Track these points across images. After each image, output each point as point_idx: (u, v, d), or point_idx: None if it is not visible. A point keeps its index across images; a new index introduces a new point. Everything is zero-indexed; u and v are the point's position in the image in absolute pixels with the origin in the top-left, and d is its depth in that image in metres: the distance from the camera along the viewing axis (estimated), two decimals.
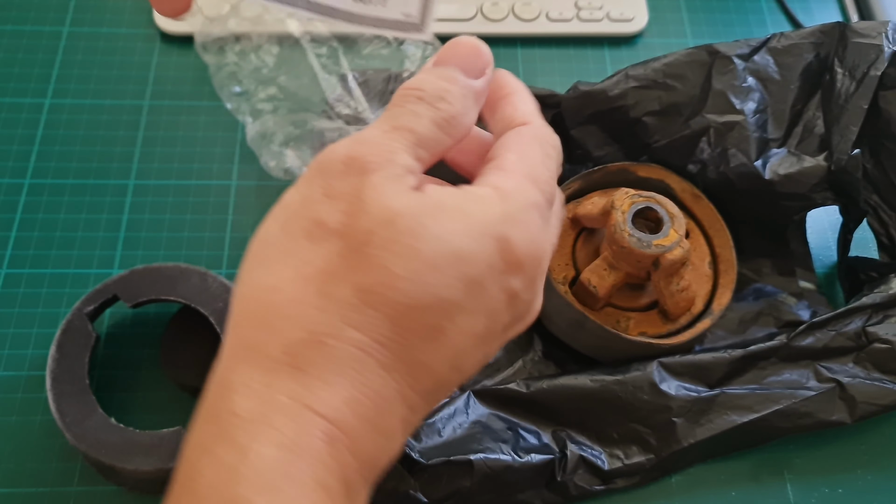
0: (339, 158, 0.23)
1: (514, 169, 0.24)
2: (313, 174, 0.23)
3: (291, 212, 0.23)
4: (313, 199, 0.22)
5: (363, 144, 0.23)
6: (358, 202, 0.22)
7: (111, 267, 0.45)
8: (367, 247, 0.21)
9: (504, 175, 0.24)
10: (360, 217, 0.21)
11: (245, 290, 0.23)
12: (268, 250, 0.23)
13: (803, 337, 0.39)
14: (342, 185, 0.22)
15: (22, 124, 0.50)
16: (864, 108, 0.40)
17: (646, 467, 0.39)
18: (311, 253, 0.22)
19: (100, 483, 0.39)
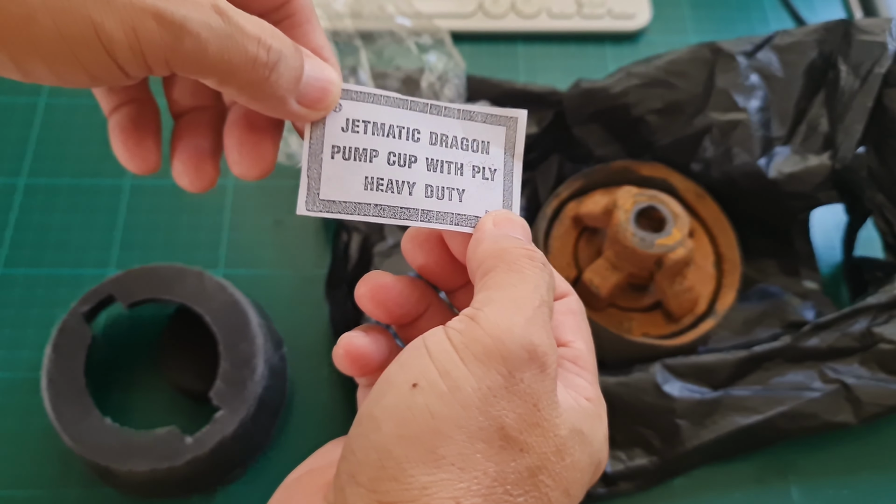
0: (522, 345, 0.20)
1: (589, 367, 0.24)
2: (491, 357, 0.20)
3: (469, 403, 0.20)
4: (494, 392, 0.20)
5: (533, 328, 0.21)
6: (536, 412, 0.21)
7: (107, 267, 0.45)
8: (539, 472, 0.20)
9: (585, 376, 0.24)
10: (536, 433, 0.20)
11: (416, 491, 0.19)
12: (441, 448, 0.20)
13: (808, 338, 0.39)
14: (523, 380, 0.20)
15: (17, 124, 0.49)
16: (869, 106, 0.40)
17: (649, 470, 0.38)
18: (490, 462, 0.20)
19: (97, 485, 0.38)
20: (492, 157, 0.26)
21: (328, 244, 0.46)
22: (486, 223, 0.25)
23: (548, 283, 0.23)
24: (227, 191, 0.47)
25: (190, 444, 0.36)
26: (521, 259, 0.23)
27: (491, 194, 0.26)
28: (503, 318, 0.21)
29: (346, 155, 0.25)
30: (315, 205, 0.24)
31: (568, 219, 0.43)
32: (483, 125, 0.26)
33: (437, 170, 0.26)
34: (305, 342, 0.43)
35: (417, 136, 0.26)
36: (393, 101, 0.26)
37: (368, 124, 0.25)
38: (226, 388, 0.37)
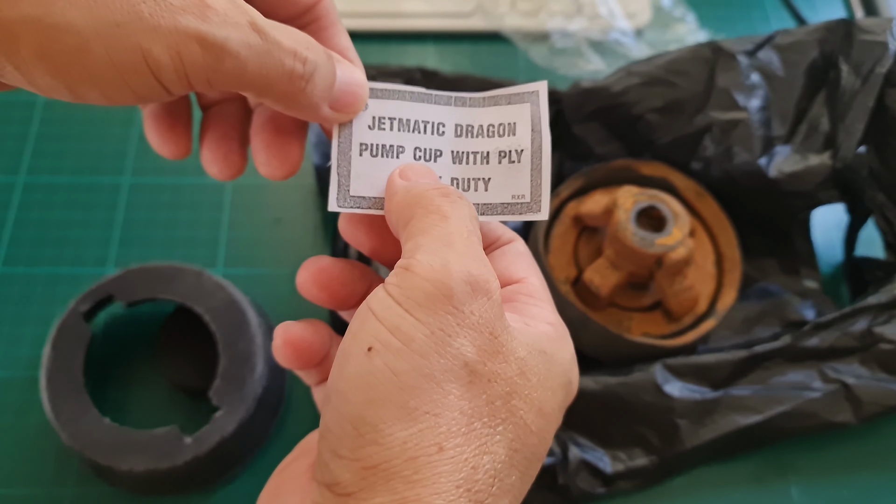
0: (462, 279, 0.21)
1: (545, 298, 0.25)
2: (434, 300, 0.20)
3: (425, 349, 0.20)
4: (448, 332, 0.20)
5: (468, 259, 0.21)
6: (493, 339, 0.21)
7: (106, 266, 0.44)
8: (510, 398, 0.21)
9: (543, 307, 0.25)
10: (498, 360, 0.21)
11: (397, 448, 0.20)
12: (411, 401, 0.20)
13: (808, 337, 0.39)
14: (473, 313, 0.21)
15: (15, 121, 0.49)
16: (870, 105, 0.40)
17: (649, 469, 0.38)
18: (463, 399, 0.20)
19: (95, 483, 0.38)
20: (518, 138, 0.26)
21: (328, 243, 0.46)
22: (394, 178, 0.25)
23: (469, 214, 0.23)
24: (226, 189, 0.47)
25: (189, 443, 0.36)
26: (436, 199, 0.23)
27: (518, 176, 0.26)
28: (436, 259, 0.21)
29: (374, 152, 0.25)
30: (346, 201, 0.25)
31: (568, 218, 0.43)
32: (508, 107, 0.26)
33: (462, 161, 0.26)
34: None
35: (443, 130, 0.26)
36: (417, 96, 0.26)
37: (394, 121, 0.26)
38: (225, 387, 0.37)
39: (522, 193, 0.26)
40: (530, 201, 0.25)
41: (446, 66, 0.52)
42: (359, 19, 0.53)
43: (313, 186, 0.48)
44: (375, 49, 0.53)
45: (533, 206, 0.25)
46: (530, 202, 0.25)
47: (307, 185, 0.48)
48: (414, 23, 0.54)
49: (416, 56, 0.53)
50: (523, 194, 0.26)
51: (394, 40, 0.54)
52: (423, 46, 0.54)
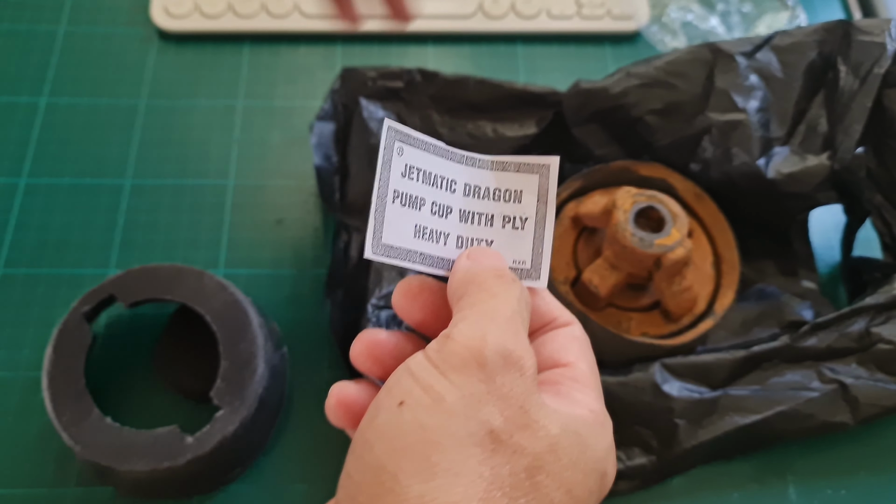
0: (497, 350, 0.21)
1: (592, 385, 0.25)
2: (469, 366, 0.21)
3: (455, 410, 0.21)
4: (478, 398, 0.21)
5: (507, 334, 0.22)
6: (523, 413, 0.21)
7: (107, 267, 0.45)
8: (537, 473, 0.21)
9: (587, 392, 0.24)
10: (526, 434, 0.21)
11: (413, 499, 0.20)
12: (433, 456, 0.20)
13: (806, 338, 0.39)
14: (504, 384, 0.21)
15: (17, 124, 0.49)
16: (868, 106, 0.40)
17: (647, 469, 0.38)
18: (484, 465, 0.20)
19: (97, 484, 0.38)
20: (524, 206, 0.26)
21: (328, 244, 0.46)
22: (460, 259, 0.25)
23: (518, 296, 0.23)
24: (227, 190, 0.48)
25: (190, 443, 0.36)
26: (488, 279, 0.24)
27: (521, 243, 0.26)
28: (476, 329, 0.22)
29: (403, 201, 0.25)
30: (378, 248, 0.24)
31: (567, 219, 0.43)
32: (516, 174, 0.27)
33: (469, 221, 0.26)
34: (305, 342, 0.43)
35: (454, 188, 0.26)
36: (439, 150, 0.26)
37: (421, 172, 0.26)
38: (226, 387, 0.37)
39: (524, 259, 0.26)
40: (530, 268, 0.26)
41: (446, 67, 0.52)
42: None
43: (314, 188, 0.48)
44: (376, 50, 0.54)
45: (532, 273, 0.26)
46: (530, 269, 0.26)
47: (308, 186, 0.48)
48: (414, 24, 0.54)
49: (417, 57, 0.53)
50: (524, 260, 0.26)
51: (394, 42, 0.54)
52: (424, 48, 0.54)
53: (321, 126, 0.46)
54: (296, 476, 0.39)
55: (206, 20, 0.53)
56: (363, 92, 0.46)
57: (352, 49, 0.54)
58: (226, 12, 0.53)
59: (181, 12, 0.53)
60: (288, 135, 0.50)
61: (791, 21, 0.50)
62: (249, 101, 0.51)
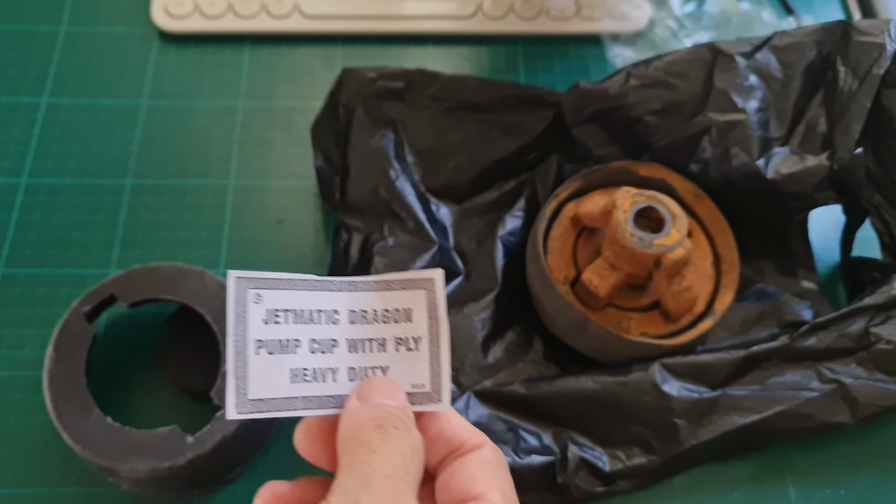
0: None
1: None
2: None
3: None
4: None
5: (384, 499, 0.20)
6: None
7: (108, 267, 0.45)
8: None
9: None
10: None
11: None
12: None
13: (805, 338, 0.39)
14: None
15: (18, 124, 0.49)
16: (867, 106, 0.40)
17: (647, 469, 0.39)
18: None
19: (98, 484, 0.38)
20: (415, 325, 0.25)
21: (328, 244, 0.46)
22: (350, 399, 0.24)
23: (401, 448, 0.22)
24: (228, 190, 0.48)
25: (191, 443, 0.36)
26: (366, 431, 0.22)
27: (417, 365, 0.25)
28: (348, 500, 0.20)
29: (270, 349, 0.24)
30: (245, 406, 0.23)
31: (567, 219, 0.43)
32: (402, 292, 0.25)
33: (358, 350, 0.25)
34: None
35: (336, 318, 0.25)
36: (310, 283, 0.25)
37: (289, 313, 0.24)
38: None
39: (422, 383, 0.25)
40: (430, 391, 0.25)
41: (447, 68, 0.52)
42: (359, 21, 0.54)
43: (314, 188, 0.48)
44: (376, 51, 0.54)
45: (433, 396, 0.25)
46: (430, 392, 0.25)
47: (308, 186, 0.48)
48: (414, 25, 0.54)
49: (417, 58, 0.54)
50: (423, 384, 0.25)
51: (394, 42, 0.54)
52: (424, 48, 0.54)
53: (321, 126, 0.46)
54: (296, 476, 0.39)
55: (206, 21, 0.53)
56: (363, 92, 0.47)
57: (352, 49, 0.54)
58: (226, 13, 0.53)
59: (182, 13, 0.53)
60: (288, 135, 0.50)
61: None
62: (250, 102, 0.51)
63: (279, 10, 0.53)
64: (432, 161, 0.46)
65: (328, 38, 0.54)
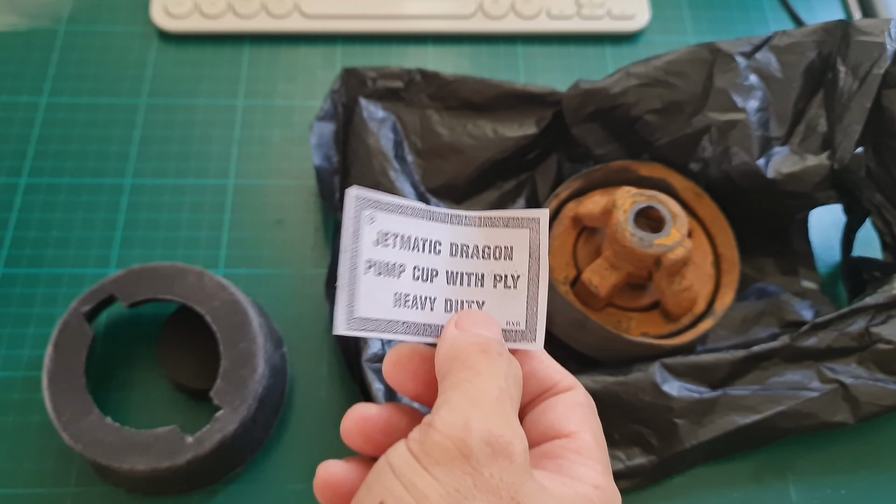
0: (482, 438, 0.20)
1: (596, 457, 0.23)
2: (452, 458, 0.20)
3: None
4: (464, 494, 0.19)
5: (493, 418, 0.20)
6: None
7: (108, 266, 0.45)
8: None
9: (592, 466, 0.23)
10: None
11: None
12: None
13: (806, 337, 0.39)
14: (492, 475, 0.20)
15: (18, 123, 0.49)
16: (867, 106, 0.40)
17: (647, 468, 0.38)
18: None
19: (97, 483, 0.38)
20: (515, 263, 0.25)
21: (328, 244, 0.46)
22: (448, 327, 0.24)
23: (506, 372, 0.22)
24: (227, 190, 0.48)
25: (191, 443, 0.36)
26: (473, 354, 0.22)
27: (513, 303, 0.25)
28: (458, 417, 0.20)
29: (379, 270, 0.24)
30: (352, 323, 0.23)
31: (567, 219, 0.43)
32: (505, 230, 0.25)
33: (457, 282, 0.25)
34: (305, 341, 0.43)
35: (439, 249, 0.25)
36: (418, 212, 0.25)
37: (397, 237, 0.24)
38: (226, 387, 0.37)
39: (518, 321, 0.25)
40: (525, 329, 0.25)
41: (446, 67, 0.52)
42: (359, 21, 0.54)
43: (314, 188, 0.48)
44: (376, 50, 0.54)
45: (528, 335, 0.24)
46: (525, 330, 0.25)
47: (308, 186, 0.48)
48: (414, 24, 0.54)
49: (417, 57, 0.53)
50: (518, 321, 0.25)
51: (394, 42, 0.54)
52: (424, 48, 0.54)
53: (321, 126, 0.46)
54: (296, 475, 0.39)
55: (206, 20, 0.53)
56: (363, 92, 0.47)
57: (352, 49, 0.54)
58: (226, 12, 0.53)
59: (181, 12, 0.53)
60: (288, 134, 0.50)
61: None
62: (249, 101, 0.51)
63: (279, 10, 0.53)
64: (432, 161, 0.46)
65: (328, 38, 0.54)
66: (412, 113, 0.47)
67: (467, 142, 0.46)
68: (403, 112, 0.47)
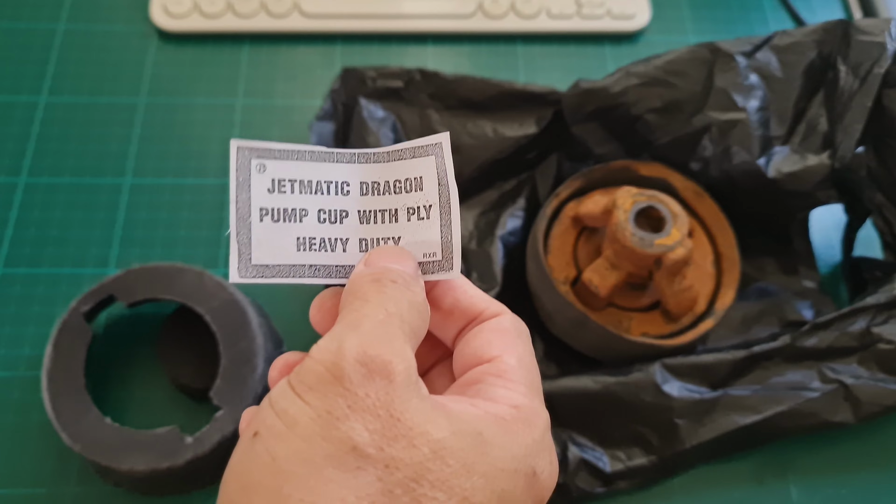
0: (355, 359, 0.19)
1: (519, 379, 0.23)
2: (325, 381, 0.19)
3: (309, 433, 0.19)
4: (336, 415, 0.19)
5: (371, 339, 0.20)
6: (394, 423, 0.19)
7: (107, 266, 0.45)
8: (417, 485, 0.19)
9: (513, 388, 0.22)
10: (400, 444, 0.19)
11: None
12: (285, 487, 0.18)
13: (807, 337, 0.39)
14: (368, 395, 0.19)
15: (17, 122, 0.49)
16: (868, 106, 0.40)
17: (648, 469, 0.38)
18: (346, 488, 0.18)
19: (97, 483, 0.38)
20: (426, 193, 0.25)
21: None
22: (357, 266, 0.23)
23: (397, 298, 0.22)
24: (227, 189, 0.48)
25: (190, 443, 0.36)
26: (364, 284, 0.22)
27: (428, 233, 0.24)
28: (332, 342, 0.20)
29: (275, 216, 0.24)
30: (248, 270, 0.23)
31: (567, 218, 0.43)
32: (413, 161, 0.25)
33: (370, 221, 0.25)
34: (305, 341, 0.43)
35: (347, 189, 0.25)
36: (318, 155, 0.25)
37: (295, 183, 0.24)
38: (226, 387, 0.37)
39: (434, 251, 0.24)
40: (442, 259, 0.24)
41: (446, 66, 0.52)
42: (359, 20, 0.54)
43: None
44: (375, 50, 0.54)
45: (444, 265, 0.24)
46: (442, 260, 0.24)
47: None
48: (414, 24, 0.54)
49: (416, 57, 0.53)
50: (434, 252, 0.24)
51: (394, 41, 0.54)
52: (423, 47, 0.54)
53: (321, 125, 0.46)
54: None
55: (205, 20, 0.53)
56: (363, 91, 0.46)
57: (351, 48, 0.54)
58: (225, 12, 0.53)
59: (180, 11, 0.53)
60: (287, 134, 0.50)
61: None
62: (249, 100, 0.51)
63: (278, 9, 0.53)
64: None
65: (327, 37, 0.54)
66: (412, 112, 0.47)
67: (467, 141, 0.46)
68: (403, 111, 0.46)
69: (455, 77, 0.46)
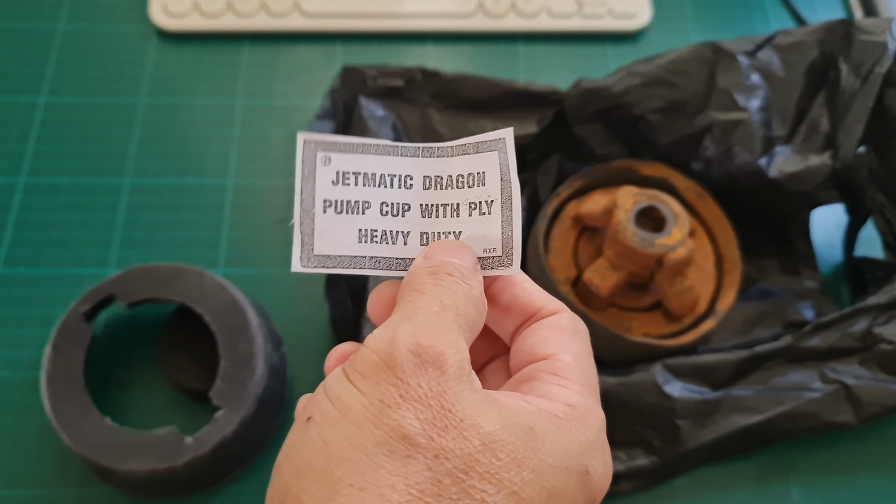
0: (408, 349, 0.20)
1: (575, 377, 0.23)
2: (378, 370, 0.20)
3: (361, 419, 0.19)
4: (387, 403, 0.19)
5: (424, 330, 0.20)
6: (445, 414, 0.19)
7: (107, 266, 0.44)
8: (466, 477, 0.19)
9: (568, 386, 0.22)
10: (451, 435, 0.19)
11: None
12: (336, 472, 0.19)
13: (808, 338, 0.39)
14: (420, 385, 0.19)
15: (16, 123, 0.49)
16: (870, 106, 0.40)
17: (649, 470, 0.38)
18: (396, 475, 0.19)
19: (97, 484, 0.38)
20: (488, 188, 0.25)
21: None
22: (417, 259, 0.24)
23: (452, 291, 0.22)
24: (227, 191, 0.47)
25: (190, 443, 0.36)
26: (421, 277, 0.22)
27: (489, 229, 0.25)
28: (386, 332, 0.20)
29: (339, 208, 0.25)
30: (310, 260, 0.24)
31: (568, 218, 0.43)
32: (476, 156, 0.25)
33: (432, 215, 0.25)
34: (305, 342, 0.43)
35: (410, 183, 0.25)
36: (382, 149, 0.25)
37: (359, 175, 0.25)
38: (226, 387, 0.37)
39: (494, 247, 0.25)
40: (502, 255, 0.25)
41: (447, 66, 0.52)
42: (359, 19, 0.53)
43: None
44: (376, 49, 0.53)
45: (504, 261, 0.24)
46: (502, 256, 0.24)
47: None
48: (414, 23, 0.54)
49: (417, 56, 0.53)
50: (494, 248, 0.25)
51: (394, 40, 0.54)
52: (424, 47, 0.54)
53: (321, 125, 0.46)
54: None
55: (205, 19, 0.53)
56: (363, 90, 0.46)
57: (352, 47, 0.53)
58: (225, 11, 0.53)
59: (180, 11, 0.52)
60: (288, 133, 0.50)
61: None
62: (249, 100, 0.51)
63: (278, 9, 0.53)
64: None
65: (328, 37, 0.54)
66: (413, 112, 0.46)
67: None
68: (404, 111, 0.46)
69: (456, 76, 0.46)
